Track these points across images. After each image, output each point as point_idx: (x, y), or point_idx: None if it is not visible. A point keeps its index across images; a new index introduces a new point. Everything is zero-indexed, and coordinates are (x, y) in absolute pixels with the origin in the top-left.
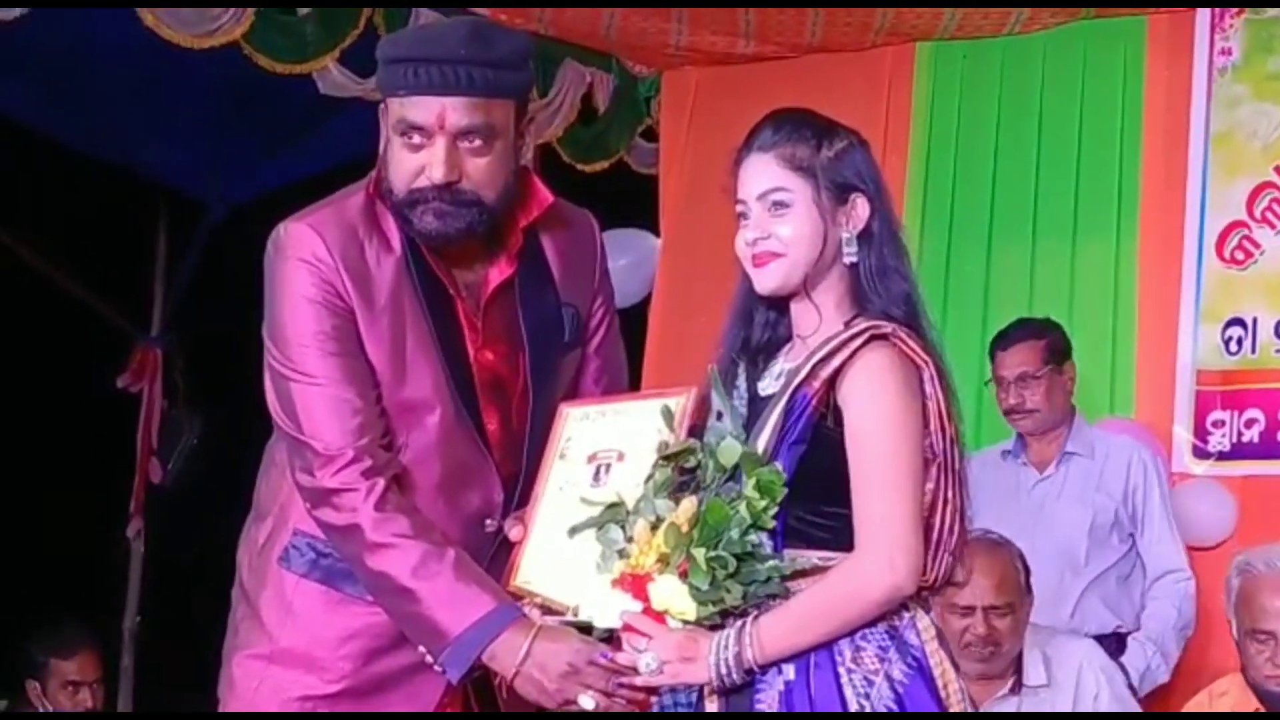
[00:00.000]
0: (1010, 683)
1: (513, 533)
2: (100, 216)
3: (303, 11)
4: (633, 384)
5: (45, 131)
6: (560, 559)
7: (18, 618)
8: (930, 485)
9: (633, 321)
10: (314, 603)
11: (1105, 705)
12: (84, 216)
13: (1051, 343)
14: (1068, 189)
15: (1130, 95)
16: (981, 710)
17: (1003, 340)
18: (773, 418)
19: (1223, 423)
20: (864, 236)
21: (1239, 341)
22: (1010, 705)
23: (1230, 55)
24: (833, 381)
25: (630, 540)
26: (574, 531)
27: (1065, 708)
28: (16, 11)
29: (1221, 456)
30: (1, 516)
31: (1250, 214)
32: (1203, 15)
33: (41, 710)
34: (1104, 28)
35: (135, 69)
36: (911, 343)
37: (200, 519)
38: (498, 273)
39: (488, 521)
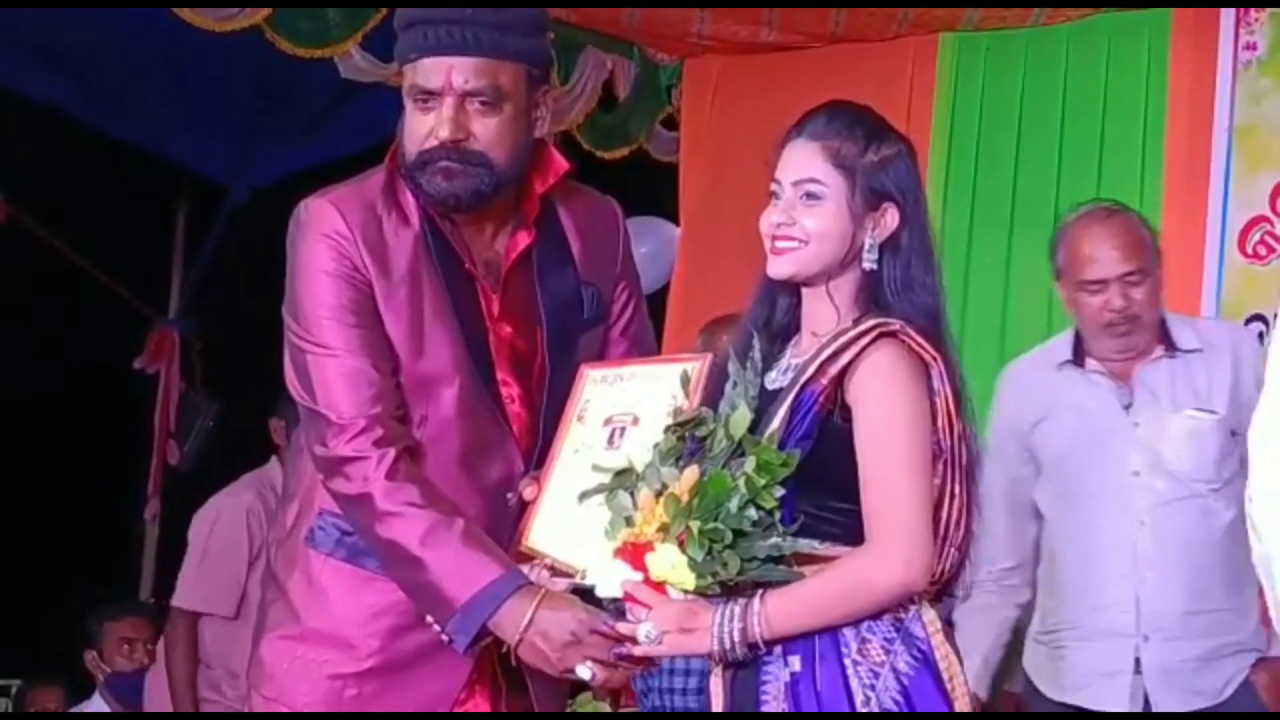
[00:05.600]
0: (1159, 350)
1: (527, 492)
2: (120, 198)
3: None
4: None
5: (67, 113)
6: (572, 522)
7: (35, 598)
8: (937, 480)
9: (652, 310)
10: (340, 580)
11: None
12: (104, 198)
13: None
14: (1090, 182)
15: (1154, 88)
16: (1134, 379)
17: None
18: (780, 413)
19: None
20: (890, 246)
21: (1260, 337)
22: (1163, 369)
23: (1255, 49)
24: (841, 378)
25: (637, 508)
26: (584, 497)
27: (1224, 371)
28: None
29: None
30: (19, 498)
31: (1273, 209)
32: (1227, 10)
33: (101, 677)
34: (1128, 21)
35: (158, 53)
36: (920, 339)
37: None
38: (516, 242)
39: (509, 495)
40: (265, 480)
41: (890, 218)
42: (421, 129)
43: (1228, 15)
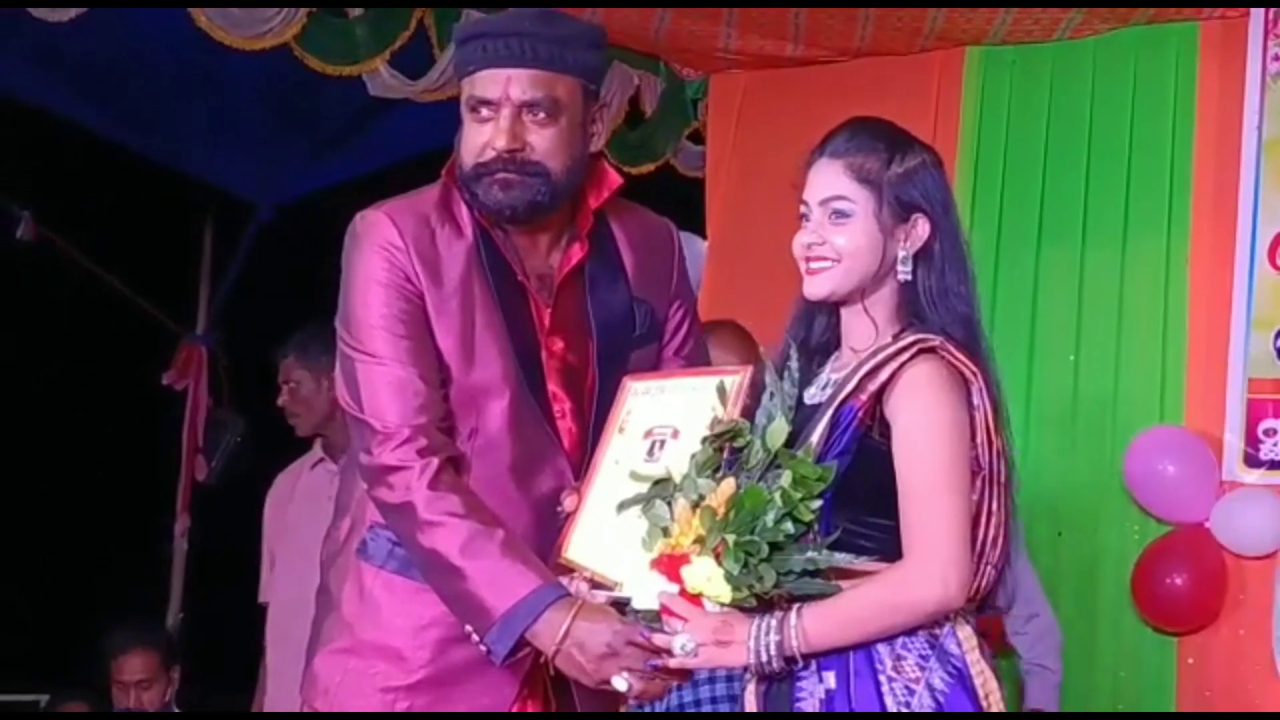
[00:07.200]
0: None
1: (567, 503)
2: (147, 215)
3: (353, 13)
4: None
5: (94, 130)
6: (610, 534)
7: (64, 614)
8: (975, 497)
9: None
10: (391, 592)
11: None
12: (131, 215)
13: None
14: (1118, 195)
15: (1181, 101)
16: None
17: None
18: (819, 428)
19: (1275, 431)
20: (924, 257)
21: None
22: None
23: None
24: (880, 394)
25: (674, 519)
26: (622, 507)
27: None
28: (72, 12)
29: (1273, 465)
30: (48, 514)
31: None
32: (1255, 22)
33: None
34: (1155, 33)
35: (186, 70)
36: (960, 354)
37: (244, 517)
38: (570, 256)
39: (559, 509)
40: (306, 461)
41: (921, 228)
42: (479, 140)
43: (1255, 28)
